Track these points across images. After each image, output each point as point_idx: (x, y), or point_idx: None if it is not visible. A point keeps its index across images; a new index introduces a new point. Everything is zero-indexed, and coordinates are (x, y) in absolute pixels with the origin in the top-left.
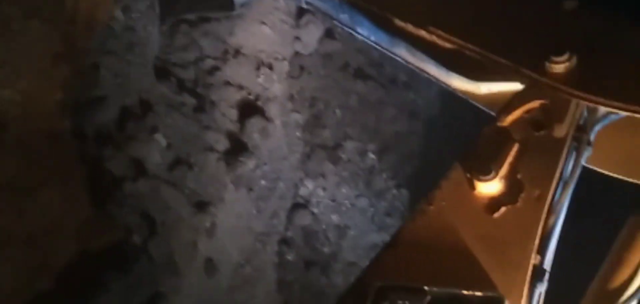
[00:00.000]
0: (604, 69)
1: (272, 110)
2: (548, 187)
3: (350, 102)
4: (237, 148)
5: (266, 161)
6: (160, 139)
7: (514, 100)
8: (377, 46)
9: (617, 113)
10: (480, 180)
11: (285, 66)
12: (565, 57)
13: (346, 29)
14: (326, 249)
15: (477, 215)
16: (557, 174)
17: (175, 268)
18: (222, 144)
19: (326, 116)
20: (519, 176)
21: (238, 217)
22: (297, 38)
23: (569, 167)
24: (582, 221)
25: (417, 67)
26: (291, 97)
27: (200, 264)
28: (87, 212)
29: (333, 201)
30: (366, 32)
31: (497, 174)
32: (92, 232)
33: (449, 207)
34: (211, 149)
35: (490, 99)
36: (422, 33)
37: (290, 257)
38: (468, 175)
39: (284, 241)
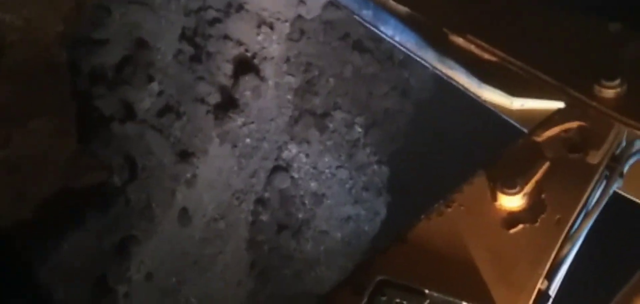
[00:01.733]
0: None
1: (267, 70)
2: (570, 213)
3: (344, 73)
4: (228, 103)
5: (254, 119)
6: (154, 85)
7: (554, 117)
8: (400, 46)
9: None
10: (503, 192)
11: (286, 28)
12: (616, 82)
13: (369, 26)
14: (300, 215)
15: (493, 227)
16: (582, 202)
17: (151, 213)
18: (214, 97)
19: (319, 83)
20: (543, 196)
21: (219, 172)
22: (302, 1)
23: (596, 196)
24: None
25: (445, 74)
26: (287, 60)
27: (175, 213)
28: (73, 148)
29: (314, 168)
30: (391, 32)
31: (521, 189)
32: (75, 168)
33: (467, 214)
34: (202, 100)
35: (522, 116)
36: (458, 40)
37: (264, 218)
38: (492, 184)
39: (260, 201)
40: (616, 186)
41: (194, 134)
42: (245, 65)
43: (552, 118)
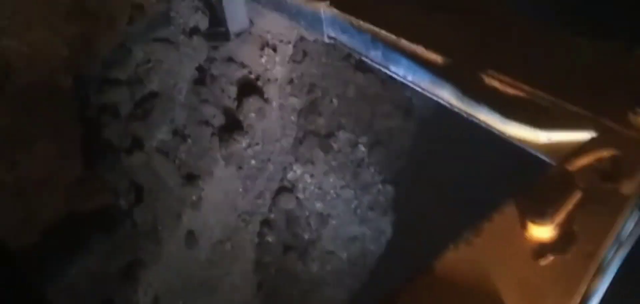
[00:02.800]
0: None
1: (271, 91)
2: (602, 244)
3: (347, 93)
4: (232, 125)
5: (259, 141)
6: (167, 122)
7: (586, 146)
8: (414, 86)
9: None
10: (533, 222)
11: (289, 49)
12: None
13: (378, 66)
14: (306, 236)
15: (522, 258)
16: (614, 233)
17: (157, 236)
18: (218, 119)
19: (322, 104)
20: (574, 227)
21: (224, 194)
22: None
23: (629, 227)
24: None
25: (465, 112)
26: (291, 81)
27: (182, 236)
28: (78, 171)
29: (319, 188)
30: (402, 72)
31: (552, 219)
32: (81, 192)
33: (495, 244)
34: (206, 123)
35: (551, 148)
36: (477, 76)
37: (270, 239)
38: (522, 214)
39: (266, 223)
40: None
41: (200, 156)
42: (249, 87)
43: (584, 147)
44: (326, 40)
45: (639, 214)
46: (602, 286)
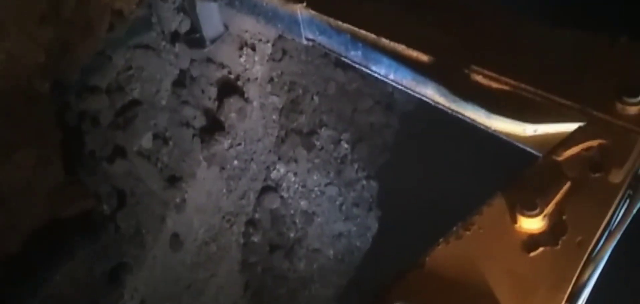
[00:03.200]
0: None
1: (251, 91)
2: (592, 234)
3: (328, 90)
4: (214, 126)
5: (241, 141)
6: (149, 131)
7: (574, 136)
8: (396, 84)
9: None
10: (523, 214)
11: (268, 48)
12: (638, 99)
13: (359, 66)
14: (292, 234)
15: (513, 250)
16: (605, 222)
17: (141, 240)
18: (199, 120)
19: (304, 102)
20: (564, 217)
21: (208, 195)
22: None
23: (618, 216)
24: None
25: (448, 108)
26: (271, 80)
27: (167, 239)
28: (59, 177)
29: (303, 186)
30: (384, 71)
31: (542, 211)
32: (63, 198)
33: (486, 237)
34: (187, 124)
35: (537, 140)
36: (461, 72)
37: (255, 239)
38: (511, 206)
39: (251, 223)
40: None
41: (182, 158)
42: (229, 88)
43: (572, 137)
44: (304, 42)
45: (628, 202)
46: (593, 276)
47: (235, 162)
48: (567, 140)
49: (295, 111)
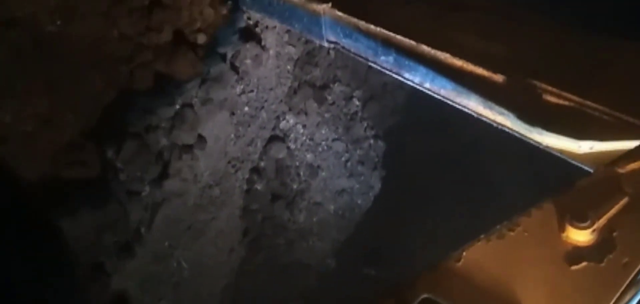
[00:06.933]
0: None
1: (269, 39)
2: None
3: None
4: (228, 70)
5: (253, 88)
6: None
7: (637, 150)
8: (431, 93)
9: None
10: (572, 224)
11: None
12: None
13: (389, 72)
14: (295, 186)
15: (554, 261)
16: None
17: (143, 184)
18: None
19: (320, 55)
20: (614, 234)
21: (216, 139)
22: None
23: None
24: None
25: (493, 121)
26: (289, 30)
27: (170, 179)
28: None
29: (311, 139)
30: (419, 79)
31: (592, 224)
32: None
33: (529, 242)
34: None
35: (591, 158)
36: (511, 85)
37: (259, 187)
38: (562, 214)
39: (256, 170)
40: None
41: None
42: (247, 33)
43: (635, 151)
44: (325, 44)
45: None
46: (633, 301)
47: (246, 108)
48: (631, 153)
49: (310, 63)
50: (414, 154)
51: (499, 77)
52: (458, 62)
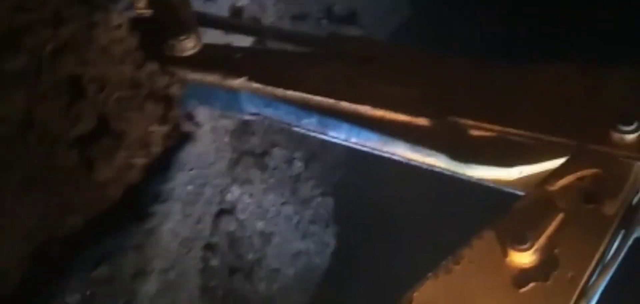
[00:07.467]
0: None
1: (201, 115)
2: (585, 268)
3: None
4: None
5: (193, 166)
6: None
7: (567, 166)
8: (359, 146)
9: None
10: (513, 248)
11: None
12: (634, 126)
13: (314, 134)
14: (250, 256)
15: (502, 286)
16: (597, 256)
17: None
18: None
19: (254, 124)
20: (556, 251)
21: (163, 224)
22: None
23: (612, 249)
24: None
25: (423, 163)
26: None
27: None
28: None
29: (259, 207)
30: (344, 135)
31: (532, 244)
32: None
33: (476, 272)
34: None
35: (523, 182)
36: (435, 125)
37: (214, 263)
38: (502, 239)
39: (209, 247)
40: (635, 236)
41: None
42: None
43: (565, 167)
44: (247, 117)
45: (622, 233)
46: None
47: (189, 187)
48: (560, 170)
49: (246, 132)
50: (362, 206)
51: (421, 120)
52: (379, 112)
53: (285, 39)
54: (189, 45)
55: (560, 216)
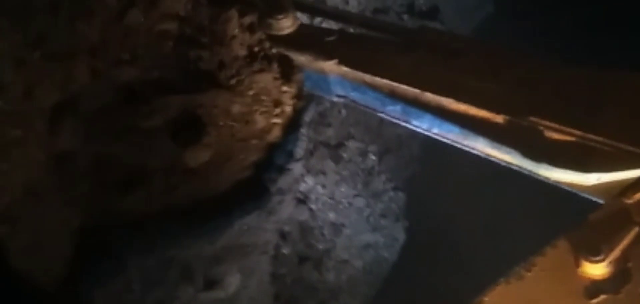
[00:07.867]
0: None
1: None
2: None
3: None
4: None
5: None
6: None
7: None
8: (440, 137)
9: None
10: (587, 259)
11: None
12: None
13: (397, 121)
14: (321, 246)
15: (573, 296)
16: None
17: None
18: None
19: (331, 115)
20: (629, 265)
21: None
22: None
23: None
24: None
25: (502, 160)
26: None
27: None
28: None
29: (331, 198)
30: (427, 125)
31: (606, 257)
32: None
33: (547, 280)
34: None
35: (600, 189)
36: (518, 124)
37: (285, 251)
38: (575, 250)
39: (281, 235)
40: None
41: None
42: None
43: None
44: (334, 99)
45: None
46: None
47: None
48: (637, 183)
49: (323, 123)
50: (433, 201)
51: (503, 117)
52: (462, 106)
53: (375, 28)
54: (286, 24)
55: (635, 230)
